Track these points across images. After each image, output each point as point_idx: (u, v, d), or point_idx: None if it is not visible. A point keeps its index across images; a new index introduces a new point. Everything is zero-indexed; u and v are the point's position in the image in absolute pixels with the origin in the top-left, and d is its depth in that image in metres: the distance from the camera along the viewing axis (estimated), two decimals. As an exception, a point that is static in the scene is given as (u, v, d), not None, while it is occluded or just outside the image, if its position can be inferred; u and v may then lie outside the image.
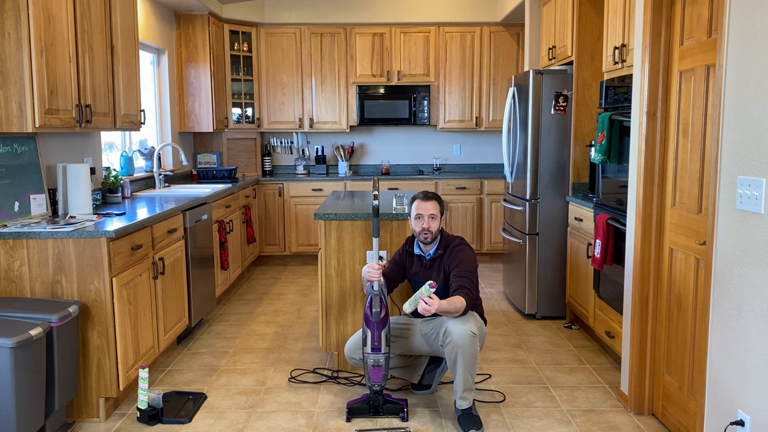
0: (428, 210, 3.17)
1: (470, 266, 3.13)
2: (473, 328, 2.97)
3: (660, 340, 3.11)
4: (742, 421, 2.23)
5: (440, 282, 3.17)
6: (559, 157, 4.66)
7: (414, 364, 3.45)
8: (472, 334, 2.95)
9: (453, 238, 3.26)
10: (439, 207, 3.22)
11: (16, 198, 3.34)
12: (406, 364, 3.44)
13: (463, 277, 3.08)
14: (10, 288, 3.06)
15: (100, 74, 3.70)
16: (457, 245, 3.20)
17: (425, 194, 3.24)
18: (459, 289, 3.03)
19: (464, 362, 2.97)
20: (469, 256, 3.17)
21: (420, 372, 3.45)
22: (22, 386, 2.55)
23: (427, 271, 3.24)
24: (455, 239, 3.25)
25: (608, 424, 3.10)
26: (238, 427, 3.10)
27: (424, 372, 3.45)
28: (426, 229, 3.17)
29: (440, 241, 3.23)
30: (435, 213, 3.17)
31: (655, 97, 3.06)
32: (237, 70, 6.74)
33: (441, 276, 3.19)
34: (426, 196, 3.23)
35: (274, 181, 6.67)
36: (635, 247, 3.18)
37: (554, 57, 4.98)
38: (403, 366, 3.44)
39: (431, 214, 3.17)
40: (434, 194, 3.25)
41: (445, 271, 3.18)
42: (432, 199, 3.21)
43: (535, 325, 4.65)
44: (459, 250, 3.17)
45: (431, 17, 6.75)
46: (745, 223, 2.21)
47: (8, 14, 2.98)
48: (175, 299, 3.98)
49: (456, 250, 3.17)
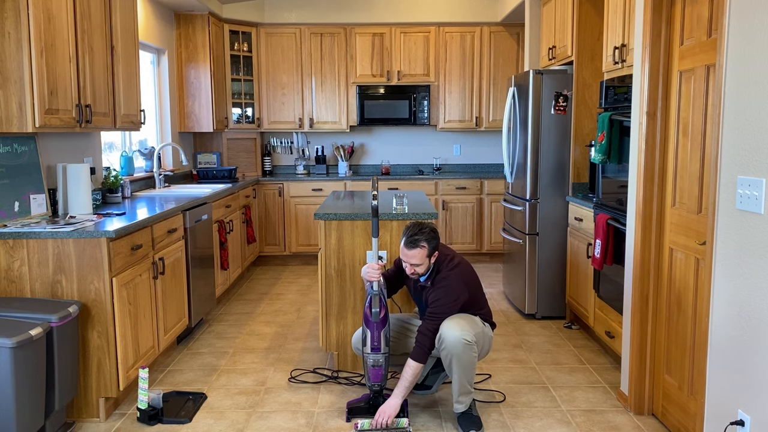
0: (411, 259, 3.01)
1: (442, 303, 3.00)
2: (468, 335, 2.94)
3: (660, 340, 3.11)
4: (742, 421, 2.23)
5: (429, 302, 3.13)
6: (559, 157, 4.66)
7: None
8: (466, 342, 2.92)
9: (443, 267, 3.09)
10: (427, 251, 3.00)
11: (16, 198, 3.34)
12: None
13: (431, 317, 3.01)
14: (10, 288, 3.06)
15: (100, 74, 3.70)
16: (442, 279, 3.06)
17: (411, 239, 3.00)
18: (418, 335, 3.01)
19: (459, 369, 2.97)
20: (448, 291, 3.02)
21: (425, 373, 3.44)
22: (22, 386, 2.55)
23: (419, 291, 3.21)
24: (445, 269, 3.08)
25: (608, 424, 3.09)
26: (238, 427, 3.10)
27: (428, 373, 3.45)
28: (412, 273, 3.08)
29: (431, 271, 3.11)
30: (418, 263, 3.01)
31: (655, 97, 3.06)
32: (237, 70, 6.74)
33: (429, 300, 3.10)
34: (411, 242, 2.99)
35: (274, 181, 6.67)
36: (635, 247, 3.18)
37: (554, 57, 4.98)
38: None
39: (414, 264, 3.02)
40: (420, 238, 2.99)
41: (428, 300, 3.11)
42: (416, 248, 2.98)
43: (535, 325, 4.65)
44: (440, 287, 3.04)
45: (431, 17, 6.75)
46: (745, 223, 2.21)
47: (8, 14, 2.98)
48: (175, 299, 3.98)
49: (438, 286, 3.05)
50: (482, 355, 3.16)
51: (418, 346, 3.02)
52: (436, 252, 3.07)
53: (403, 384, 3.04)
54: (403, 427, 3.05)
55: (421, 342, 3.02)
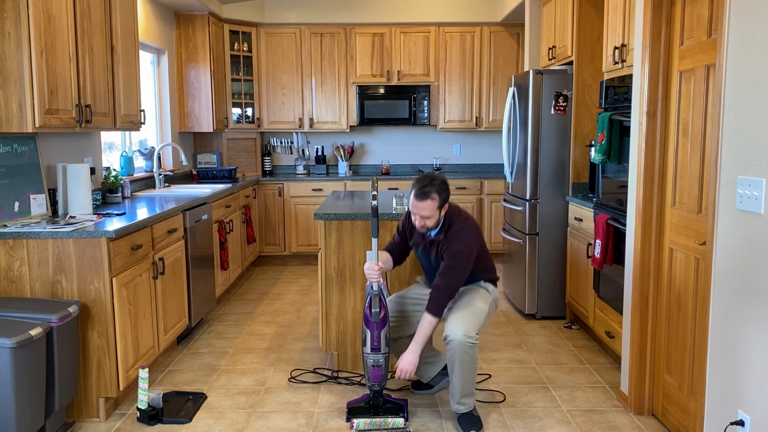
0: (421, 211, 2.98)
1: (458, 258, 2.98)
2: (472, 331, 2.94)
3: (660, 340, 3.11)
4: (742, 421, 2.23)
5: (440, 261, 3.08)
6: (559, 157, 4.66)
7: (432, 362, 3.40)
8: (470, 344, 2.92)
9: (455, 219, 3.07)
10: (438, 202, 2.97)
11: (16, 198, 3.34)
12: (423, 361, 3.38)
13: (445, 271, 2.99)
14: (10, 288, 3.06)
15: (100, 74, 3.70)
16: (457, 231, 3.03)
17: (421, 191, 2.96)
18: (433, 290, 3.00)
19: (462, 371, 2.97)
20: (464, 244, 3.00)
21: (433, 374, 3.41)
22: (22, 386, 2.55)
23: (428, 247, 3.13)
24: (458, 221, 3.06)
25: (608, 424, 3.10)
26: (238, 427, 3.10)
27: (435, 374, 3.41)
28: (422, 226, 3.04)
29: (442, 224, 3.07)
30: (429, 215, 2.98)
31: (655, 97, 3.06)
32: (237, 70, 6.74)
33: (440, 257, 3.08)
34: (422, 194, 2.96)
35: (274, 181, 6.67)
36: (635, 247, 3.18)
37: (554, 57, 4.98)
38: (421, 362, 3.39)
39: (424, 216, 2.99)
40: (430, 190, 2.95)
41: (441, 254, 3.07)
42: (427, 199, 2.95)
43: (535, 325, 4.65)
44: (456, 239, 3.01)
45: (431, 17, 6.75)
46: (745, 223, 2.21)
47: (8, 14, 2.98)
48: (175, 299, 3.98)
49: (454, 238, 3.01)
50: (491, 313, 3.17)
51: (435, 301, 2.97)
52: (446, 204, 3.02)
53: (419, 339, 3.01)
54: (403, 427, 3.05)
55: (439, 298, 2.97)
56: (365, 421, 3.06)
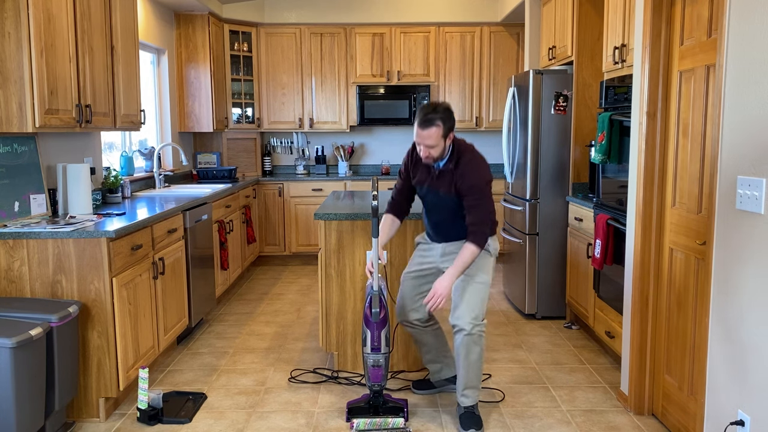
0: (425, 140, 2.85)
1: (480, 190, 2.89)
2: (479, 318, 2.97)
3: (660, 340, 3.11)
4: (742, 421, 2.23)
5: (452, 194, 2.97)
6: (559, 157, 4.66)
7: (447, 363, 3.40)
8: (479, 333, 2.97)
9: (464, 150, 2.96)
10: (442, 130, 2.85)
11: (16, 198, 3.34)
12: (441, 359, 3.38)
13: (473, 207, 2.89)
14: (10, 288, 3.06)
15: (100, 74, 3.70)
16: (468, 161, 2.92)
17: (425, 118, 2.84)
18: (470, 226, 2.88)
19: (467, 359, 3.00)
20: (480, 174, 2.90)
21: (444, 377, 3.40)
22: (22, 386, 2.55)
23: (435, 181, 3.01)
24: (466, 152, 2.96)
25: (608, 424, 3.10)
26: (238, 427, 3.10)
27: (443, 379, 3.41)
28: (427, 156, 2.92)
29: (451, 152, 2.95)
30: (434, 143, 2.86)
31: (655, 97, 3.06)
32: (237, 70, 6.74)
33: (452, 189, 2.96)
34: (426, 121, 2.84)
35: (274, 181, 6.67)
36: (635, 247, 3.18)
37: (554, 57, 4.98)
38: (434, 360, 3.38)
39: (429, 145, 2.87)
40: (434, 117, 2.84)
41: (456, 187, 2.93)
42: (431, 126, 2.83)
43: (535, 325, 4.65)
44: (470, 169, 2.89)
45: (431, 17, 6.75)
46: (745, 223, 2.21)
47: (8, 14, 2.98)
48: (175, 299, 3.98)
49: (468, 168, 2.89)
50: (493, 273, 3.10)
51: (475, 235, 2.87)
52: (451, 133, 2.91)
53: (459, 266, 2.88)
54: (403, 427, 3.05)
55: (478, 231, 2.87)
56: (365, 421, 3.06)
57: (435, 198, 3.07)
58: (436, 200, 3.07)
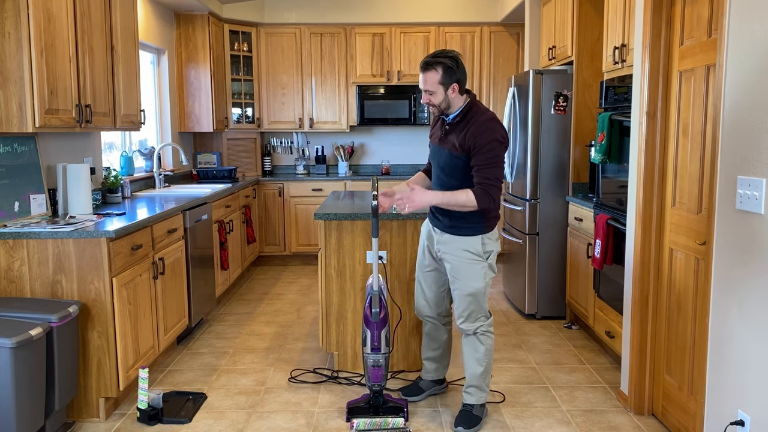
0: (423, 84, 2.80)
1: (491, 149, 2.75)
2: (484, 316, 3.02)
3: (660, 340, 3.11)
4: (742, 421, 2.23)
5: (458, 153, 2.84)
6: (559, 157, 4.66)
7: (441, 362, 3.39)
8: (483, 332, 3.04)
9: (479, 108, 2.85)
10: (440, 77, 2.77)
11: (16, 198, 3.34)
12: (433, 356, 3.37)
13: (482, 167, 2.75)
14: (10, 288, 3.06)
15: (100, 74, 3.70)
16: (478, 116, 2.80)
17: (426, 60, 2.78)
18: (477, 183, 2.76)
19: (473, 358, 3.07)
20: (493, 136, 2.77)
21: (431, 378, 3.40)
22: (22, 386, 2.55)
23: (444, 138, 2.91)
24: (481, 110, 2.84)
25: (608, 424, 3.09)
26: (238, 427, 3.10)
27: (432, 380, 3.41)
28: (427, 101, 2.85)
29: (464, 108, 2.85)
30: (431, 89, 2.78)
31: (655, 97, 3.06)
32: (237, 70, 6.74)
33: (457, 147, 2.84)
34: (424, 63, 2.78)
35: (274, 181, 6.67)
36: (635, 247, 3.18)
37: (554, 57, 4.98)
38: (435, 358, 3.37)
39: (427, 90, 2.80)
40: (433, 61, 2.76)
41: (462, 143, 2.82)
42: (429, 70, 2.76)
43: (535, 325, 4.65)
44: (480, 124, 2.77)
45: (431, 17, 6.75)
46: (745, 223, 2.21)
47: (8, 14, 2.98)
48: (175, 299, 3.98)
49: (477, 123, 2.78)
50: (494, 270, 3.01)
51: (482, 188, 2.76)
52: (455, 86, 2.80)
53: (445, 199, 2.79)
54: (402, 427, 3.05)
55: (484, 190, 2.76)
56: (365, 421, 3.07)
57: (441, 159, 2.95)
58: (442, 164, 2.95)
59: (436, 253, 3.10)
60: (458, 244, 2.95)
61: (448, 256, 3.00)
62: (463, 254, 2.94)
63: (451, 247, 2.98)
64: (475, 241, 2.93)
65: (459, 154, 2.86)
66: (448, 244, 2.99)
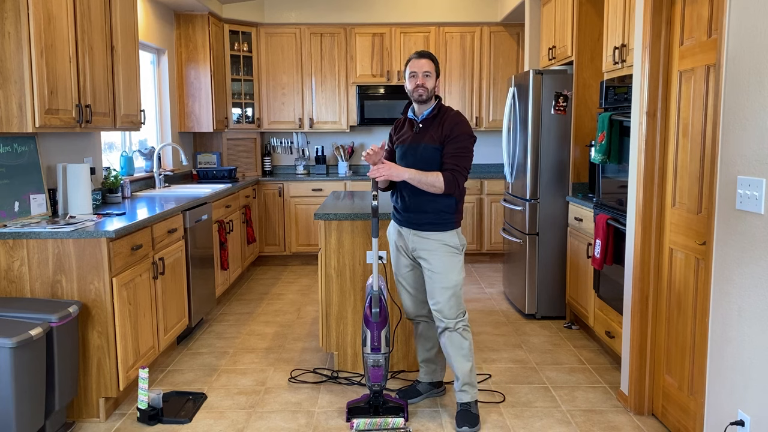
0: (422, 67, 3.03)
1: (465, 139, 3.00)
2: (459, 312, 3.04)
3: (660, 340, 3.11)
4: (742, 421, 2.23)
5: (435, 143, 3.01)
6: (559, 157, 4.66)
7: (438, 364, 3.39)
8: (462, 327, 3.04)
9: (453, 110, 3.11)
10: (434, 66, 3.07)
11: (16, 198, 3.34)
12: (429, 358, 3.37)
13: (454, 155, 2.97)
14: (10, 288, 3.06)
15: (100, 74, 3.70)
16: (454, 114, 3.07)
17: (419, 52, 3.10)
18: (447, 169, 2.95)
19: (457, 355, 3.06)
20: (467, 129, 3.03)
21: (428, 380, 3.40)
22: (22, 386, 2.55)
23: (418, 134, 3.07)
24: (456, 112, 3.10)
25: (608, 424, 3.10)
26: (238, 427, 3.10)
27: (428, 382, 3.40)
28: (420, 85, 3.02)
29: (437, 105, 3.09)
30: (429, 71, 3.03)
31: (655, 97, 3.06)
32: (237, 70, 6.74)
33: (435, 139, 3.02)
34: (420, 54, 3.09)
35: (274, 181, 6.67)
36: (635, 247, 3.18)
37: (554, 57, 4.98)
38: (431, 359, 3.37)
39: (425, 72, 3.03)
40: (429, 53, 3.12)
41: (439, 135, 3.01)
42: (426, 57, 3.07)
43: (535, 325, 4.65)
44: (457, 119, 3.03)
45: (431, 17, 6.75)
46: (745, 223, 2.21)
47: (8, 14, 2.98)
48: (175, 299, 3.98)
49: (455, 118, 3.03)
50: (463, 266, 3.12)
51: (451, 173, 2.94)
52: (438, 80, 3.11)
53: (417, 177, 2.96)
54: (402, 427, 3.05)
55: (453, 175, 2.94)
56: (365, 421, 3.07)
57: (417, 155, 3.06)
58: (418, 160, 3.06)
59: (412, 252, 3.13)
60: (436, 238, 3.04)
61: (425, 252, 3.05)
62: (442, 248, 3.04)
63: (429, 243, 3.05)
64: (452, 235, 3.07)
65: (438, 146, 3.02)
66: (425, 240, 3.06)
